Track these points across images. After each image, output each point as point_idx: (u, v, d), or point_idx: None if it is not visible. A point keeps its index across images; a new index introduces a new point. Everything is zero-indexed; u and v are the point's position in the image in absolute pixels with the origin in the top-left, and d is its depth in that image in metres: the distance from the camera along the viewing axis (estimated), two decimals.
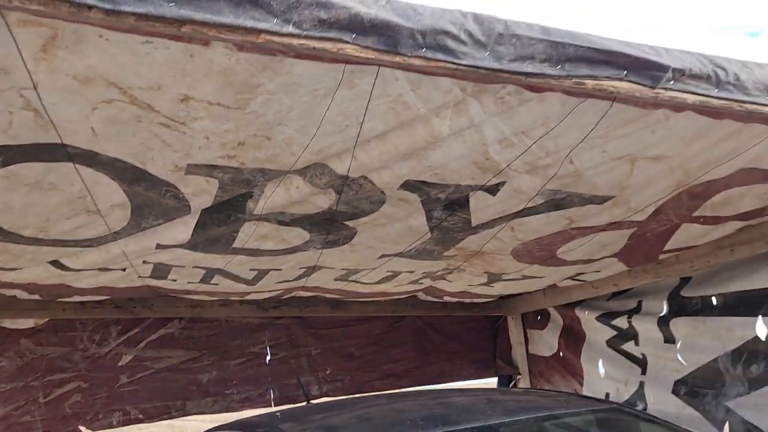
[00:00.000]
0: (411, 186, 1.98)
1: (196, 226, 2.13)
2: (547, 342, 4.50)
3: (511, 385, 4.81)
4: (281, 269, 2.79)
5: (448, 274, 3.22)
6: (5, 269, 2.43)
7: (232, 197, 1.94)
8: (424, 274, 3.14)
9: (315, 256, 2.65)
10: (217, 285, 3.01)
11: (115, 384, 3.46)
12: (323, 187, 1.93)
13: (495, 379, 4.89)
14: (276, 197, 1.96)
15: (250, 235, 2.24)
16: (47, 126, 1.42)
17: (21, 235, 2.03)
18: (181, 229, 2.14)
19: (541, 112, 1.64)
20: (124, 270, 2.60)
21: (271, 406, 3.90)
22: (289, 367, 4.09)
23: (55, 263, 2.39)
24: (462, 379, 4.80)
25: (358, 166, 1.82)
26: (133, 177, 1.71)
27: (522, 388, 4.36)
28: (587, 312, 3.96)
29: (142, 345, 3.62)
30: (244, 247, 2.36)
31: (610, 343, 3.78)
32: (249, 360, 3.98)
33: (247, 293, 3.38)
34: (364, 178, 1.91)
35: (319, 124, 1.56)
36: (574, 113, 1.65)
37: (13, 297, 3.03)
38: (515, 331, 4.79)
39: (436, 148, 1.76)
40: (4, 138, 1.45)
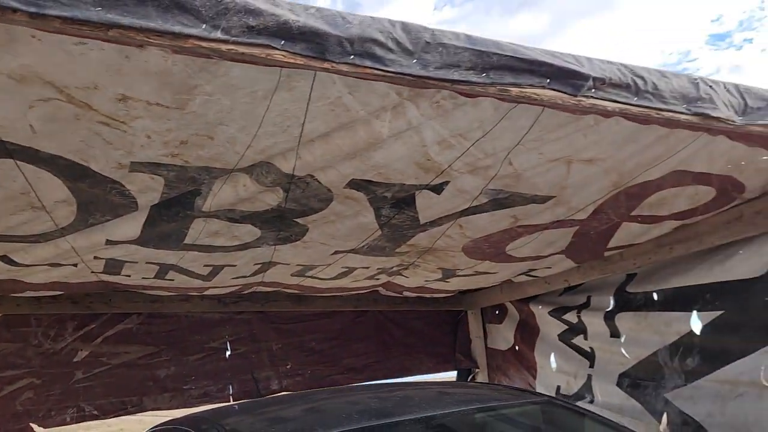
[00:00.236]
0: (357, 185, 2.04)
1: (145, 223, 2.15)
2: (504, 336, 4.61)
3: (470, 378, 4.92)
4: (236, 265, 2.82)
5: (404, 269, 3.29)
6: None
7: (179, 194, 1.97)
8: (379, 269, 3.20)
9: (269, 253, 2.69)
10: (172, 281, 3.03)
11: (70, 380, 3.44)
12: (270, 185, 1.97)
13: (455, 372, 5.00)
14: (223, 195, 1.99)
15: (201, 231, 2.27)
16: None
17: None
18: (130, 225, 2.16)
19: (476, 115, 1.71)
20: (75, 265, 2.60)
21: (229, 401, 3.92)
22: (249, 362, 4.11)
23: (3, 258, 2.39)
24: (422, 373, 4.88)
25: (304, 165, 1.87)
26: (76, 174, 1.72)
27: (463, 382, 4.44)
28: (541, 307, 4.07)
29: (99, 340, 3.60)
30: (196, 243, 2.39)
31: (561, 337, 3.90)
32: (208, 355, 3.99)
33: (205, 288, 3.40)
34: (310, 176, 1.96)
35: (260, 124, 1.60)
36: (507, 117, 1.72)
37: None
38: (474, 326, 4.90)
39: (378, 148, 1.82)
40: None
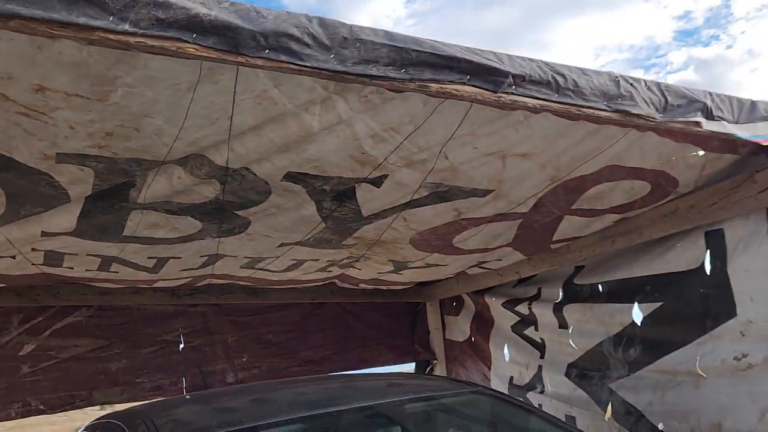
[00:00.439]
0: (293, 177, 2.04)
1: (80, 215, 2.12)
2: (461, 328, 4.66)
3: (428, 369, 4.97)
4: (181, 257, 2.80)
5: (355, 262, 3.31)
6: None
7: (112, 186, 1.95)
8: (329, 262, 3.21)
9: (213, 245, 2.67)
10: (117, 273, 3.00)
11: (16, 374, 3.37)
12: (205, 178, 1.96)
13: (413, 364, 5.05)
14: (158, 186, 1.98)
15: (139, 223, 2.25)
16: None
17: None
18: (65, 217, 2.13)
19: (405, 110, 1.72)
20: (14, 257, 2.55)
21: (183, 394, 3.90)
22: (203, 354, 4.08)
23: None
24: (381, 365, 4.91)
25: (237, 158, 1.87)
26: (0, 165, 1.69)
27: (404, 373, 4.45)
28: (495, 299, 4.13)
29: (47, 334, 3.54)
30: (135, 235, 2.37)
31: (514, 328, 3.97)
32: (161, 348, 3.95)
33: (154, 281, 3.36)
34: (246, 169, 1.96)
35: (186, 116, 1.59)
36: (438, 112, 1.74)
37: None
38: (433, 317, 4.94)
39: (311, 141, 1.83)
40: None
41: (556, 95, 1.57)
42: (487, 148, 1.99)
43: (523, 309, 3.82)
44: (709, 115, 1.82)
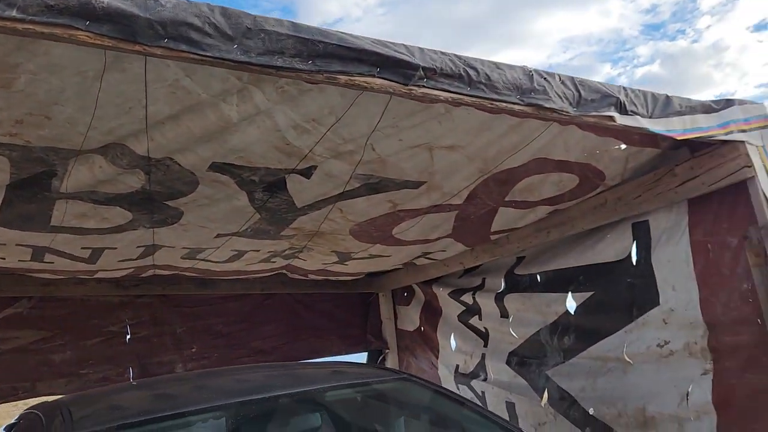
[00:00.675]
0: (219, 168, 2.04)
1: (2, 204, 2.08)
2: (411, 317, 4.72)
3: (380, 359, 5.02)
4: (116, 248, 2.77)
5: (298, 252, 3.31)
6: None
7: (33, 175, 1.92)
8: (271, 252, 3.21)
9: (148, 235, 2.65)
10: (53, 263, 2.94)
11: None
12: (127, 167, 1.94)
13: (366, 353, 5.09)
14: (80, 176, 1.95)
15: (65, 212, 2.21)
16: None
17: None
18: None
19: (324, 101, 1.73)
20: None
21: None
22: (151, 345, 4.05)
23: None
24: (332, 355, 4.93)
25: (158, 148, 1.85)
26: None
27: (340, 362, 4.47)
28: (442, 289, 4.19)
29: None
30: (63, 225, 2.33)
31: (460, 317, 4.03)
32: (107, 339, 3.90)
33: (94, 272, 3.31)
34: (169, 159, 1.95)
35: (95, 104, 1.57)
36: (357, 104, 1.76)
37: None
38: (385, 308, 4.99)
39: (233, 132, 1.83)
40: None
41: (469, 88, 1.60)
42: (412, 140, 2.02)
43: (468, 299, 3.89)
44: (622, 110, 1.88)
